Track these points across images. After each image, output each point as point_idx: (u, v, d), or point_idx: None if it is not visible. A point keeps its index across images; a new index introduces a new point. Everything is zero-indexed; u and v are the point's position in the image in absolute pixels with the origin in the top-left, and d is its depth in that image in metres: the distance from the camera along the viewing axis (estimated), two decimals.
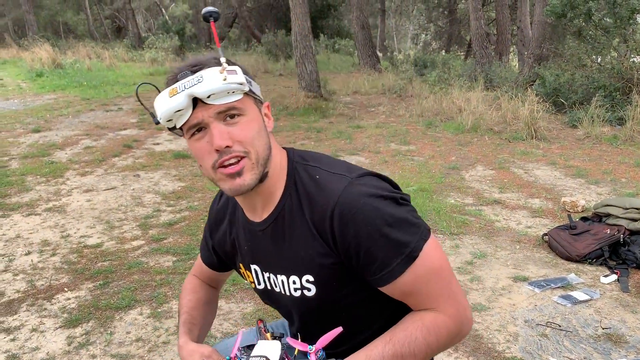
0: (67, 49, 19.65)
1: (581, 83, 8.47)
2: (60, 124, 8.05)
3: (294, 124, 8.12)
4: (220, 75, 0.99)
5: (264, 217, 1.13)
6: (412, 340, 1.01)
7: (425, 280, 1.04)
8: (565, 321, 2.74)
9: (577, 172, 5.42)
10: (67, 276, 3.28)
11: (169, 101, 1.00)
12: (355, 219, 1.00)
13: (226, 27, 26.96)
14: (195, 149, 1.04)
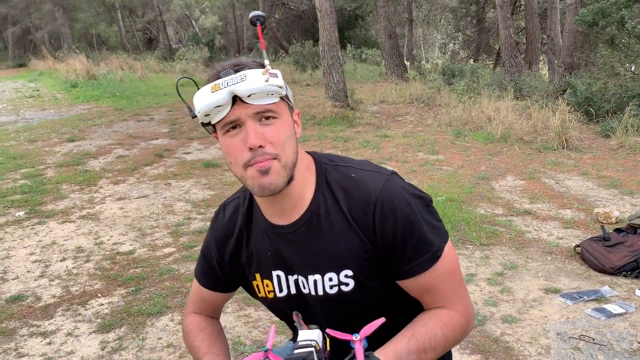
0: (100, 60, 20.17)
1: (614, 92, 8.30)
2: (94, 133, 8.26)
3: (321, 133, 8.16)
4: (263, 76, 1.02)
5: (293, 219, 1.14)
6: (432, 335, 1.07)
7: (443, 278, 1.12)
8: (599, 334, 2.68)
9: (610, 182, 5.31)
10: (100, 282, 3.35)
11: (210, 96, 1.03)
12: (394, 212, 1.07)
13: (254, 39, 27.28)
14: (228, 145, 1.07)
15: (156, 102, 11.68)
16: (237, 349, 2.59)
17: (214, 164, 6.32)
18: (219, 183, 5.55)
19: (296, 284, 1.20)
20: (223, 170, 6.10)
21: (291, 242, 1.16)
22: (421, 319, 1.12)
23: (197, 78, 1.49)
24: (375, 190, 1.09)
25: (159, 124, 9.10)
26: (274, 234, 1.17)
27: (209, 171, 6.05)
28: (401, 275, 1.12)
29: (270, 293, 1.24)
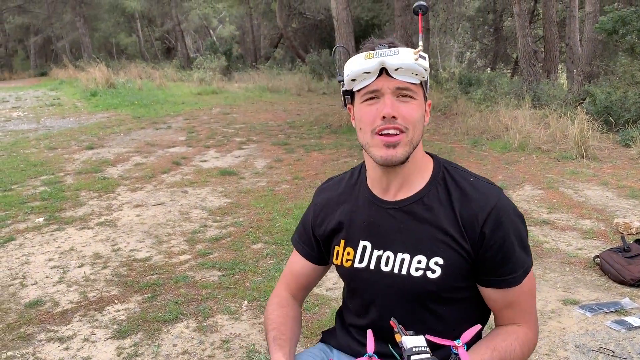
0: (119, 69, 20.46)
1: (634, 101, 8.19)
2: (112, 141, 8.36)
3: (337, 141, 8.17)
4: (413, 55, 1.10)
5: (398, 197, 1.23)
6: (511, 350, 1.14)
7: (526, 296, 1.21)
8: (619, 347, 2.63)
9: (630, 192, 5.23)
10: (117, 288, 3.38)
11: (362, 62, 1.11)
12: (506, 225, 1.16)
13: (271, 47, 27.47)
14: (363, 112, 1.16)
15: (174, 110, 11.80)
16: (251, 357, 2.59)
17: (231, 172, 6.36)
18: (235, 191, 5.58)
19: (378, 260, 1.24)
20: (239, 178, 6.13)
21: (391, 217, 1.23)
22: (501, 334, 1.19)
23: (210, 92, 1.51)
24: (492, 201, 1.17)
25: (176, 132, 9.19)
26: (376, 206, 1.25)
27: (225, 179, 6.09)
28: (493, 284, 1.19)
29: (348, 262, 1.29)
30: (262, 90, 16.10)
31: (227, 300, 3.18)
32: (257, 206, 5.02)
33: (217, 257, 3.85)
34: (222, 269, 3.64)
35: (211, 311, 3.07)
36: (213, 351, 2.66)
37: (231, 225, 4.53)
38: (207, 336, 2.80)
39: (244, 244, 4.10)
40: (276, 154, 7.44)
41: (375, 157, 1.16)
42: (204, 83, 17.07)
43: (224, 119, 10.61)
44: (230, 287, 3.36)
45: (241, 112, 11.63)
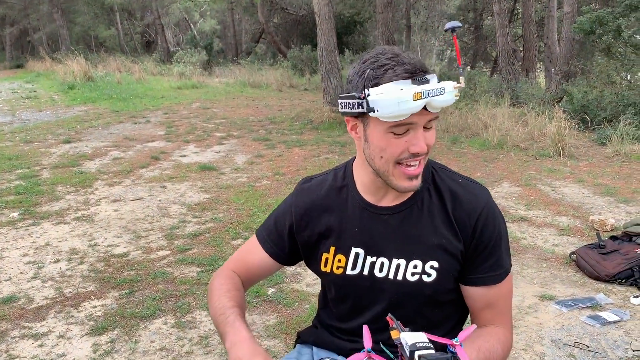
0: (98, 62, 20.18)
1: (610, 100, 8.34)
2: (90, 135, 8.24)
3: (318, 137, 8.16)
4: (454, 91, 1.07)
5: (394, 203, 1.22)
6: (494, 350, 1.15)
7: (504, 297, 1.24)
8: (593, 342, 2.68)
9: (606, 190, 5.32)
10: (93, 284, 3.33)
11: (410, 104, 1.02)
12: (494, 223, 1.20)
13: (253, 42, 27.33)
14: (389, 143, 1.09)
15: (153, 104, 11.67)
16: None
17: (210, 167, 6.31)
18: (214, 186, 5.54)
19: (372, 266, 1.23)
20: (219, 173, 6.09)
21: (385, 223, 1.22)
22: (483, 335, 1.19)
23: (190, 87, 1.48)
24: (483, 201, 1.20)
25: (155, 127, 9.09)
26: (369, 212, 1.24)
27: (204, 174, 6.04)
28: (478, 282, 1.21)
29: (340, 269, 1.26)
30: (243, 85, 16.01)
31: (205, 297, 3.15)
32: (237, 202, 4.99)
33: (196, 253, 3.82)
34: (201, 265, 3.61)
35: (190, 307, 3.04)
36: (191, 347, 2.64)
37: (211, 220, 4.50)
38: (186, 332, 2.78)
39: (224, 239, 4.07)
40: (257, 149, 7.41)
41: (396, 186, 1.14)
42: (184, 77, 16.90)
43: (204, 114, 10.52)
44: (209, 283, 3.33)
45: (221, 107, 11.55)
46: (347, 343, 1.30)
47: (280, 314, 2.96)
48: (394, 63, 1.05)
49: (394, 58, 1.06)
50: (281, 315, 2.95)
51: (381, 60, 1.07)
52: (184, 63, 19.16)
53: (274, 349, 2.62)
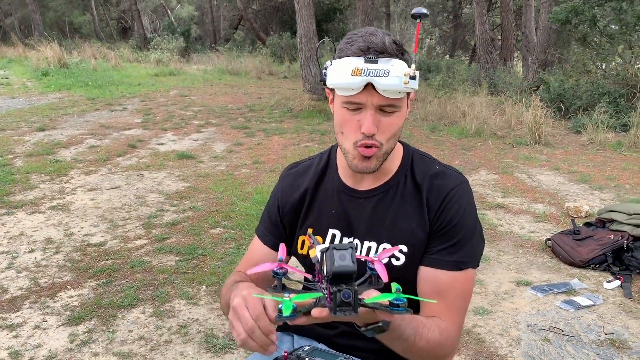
0: (72, 48, 19.75)
1: (586, 89, 8.46)
2: (65, 123, 8.08)
3: (298, 126, 8.13)
4: (404, 77, 1.06)
5: (371, 187, 1.23)
6: (430, 330, 1.10)
7: (457, 292, 1.17)
8: (567, 326, 2.73)
9: (581, 177, 5.42)
10: (70, 274, 3.29)
11: (349, 78, 1.06)
12: (460, 205, 1.18)
13: (231, 29, 27.03)
14: (344, 119, 1.13)
15: (129, 91, 11.49)
16: (209, 342, 2.56)
17: (188, 155, 6.25)
18: (193, 175, 5.49)
19: None
20: (197, 162, 6.03)
21: (360, 206, 1.24)
22: (425, 318, 1.13)
23: (168, 74, 1.46)
24: (455, 184, 1.20)
25: (132, 114, 8.95)
26: (346, 195, 1.25)
27: (182, 162, 5.98)
28: (431, 263, 1.18)
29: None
30: (221, 72, 15.85)
31: (184, 285, 3.14)
32: (216, 190, 4.95)
33: (174, 242, 3.79)
34: (179, 254, 3.58)
35: (168, 296, 3.02)
36: (170, 336, 2.62)
37: (189, 209, 4.46)
38: (164, 321, 2.76)
39: (202, 228, 4.04)
40: (236, 137, 7.35)
41: (350, 165, 1.16)
42: (161, 64, 16.65)
43: (181, 101, 10.40)
44: (187, 272, 3.32)
45: (200, 95, 11.42)
46: (328, 330, 1.30)
47: None
48: (359, 41, 1.09)
49: (363, 36, 1.09)
50: None
51: (353, 37, 1.11)
52: (161, 50, 18.88)
53: None
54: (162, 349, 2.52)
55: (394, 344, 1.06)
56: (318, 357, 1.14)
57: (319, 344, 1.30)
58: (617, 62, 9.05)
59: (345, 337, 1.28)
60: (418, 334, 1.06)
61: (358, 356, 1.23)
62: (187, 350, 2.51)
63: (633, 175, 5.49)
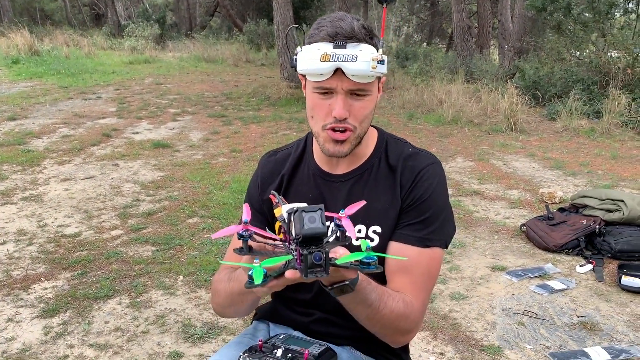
0: (44, 35, 19.25)
1: (560, 76, 8.57)
2: (37, 112, 7.90)
3: (275, 114, 8.09)
4: (372, 62, 1.07)
5: (347, 171, 1.25)
6: (396, 300, 1.10)
7: (422, 269, 1.18)
8: (541, 310, 2.79)
9: (555, 164, 5.50)
10: (44, 266, 3.23)
11: (318, 64, 1.07)
12: (430, 183, 1.20)
13: (207, 16, 26.67)
14: (315, 103, 1.15)
15: (104, 80, 11.28)
16: (187, 332, 2.55)
17: (164, 144, 6.17)
18: (169, 164, 5.43)
19: None
20: (173, 150, 5.97)
21: (335, 189, 1.25)
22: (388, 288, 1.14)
23: (143, 61, 1.43)
24: (427, 163, 1.22)
25: (107, 103, 8.80)
26: (322, 179, 1.27)
27: (158, 152, 5.91)
28: (397, 237, 1.19)
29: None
30: (197, 60, 15.65)
31: (161, 276, 3.11)
32: (193, 180, 4.91)
33: (150, 232, 3.75)
34: (156, 244, 3.55)
35: (145, 287, 2.99)
36: (147, 327, 2.60)
37: (165, 199, 4.42)
38: (141, 312, 2.73)
39: (179, 218, 4.01)
40: (213, 126, 7.29)
41: (322, 148, 1.18)
42: (136, 52, 16.37)
43: (157, 90, 10.25)
44: (164, 262, 3.29)
45: (175, 83, 11.27)
46: (304, 317, 1.30)
47: None
48: (327, 26, 1.10)
49: (332, 22, 1.10)
50: None
51: (322, 22, 1.12)
52: (136, 37, 18.54)
53: (231, 326, 2.61)
54: (139, 339, 2.50)
55: (358, 308, 1.06)
56: (293, 345, 1.14)
57: (295, 332, 1.30)
58: (591, 49, 9.18)
59: (321, 324, 1.28)
60: (382, 301, 1.06)
61: (334, 342, 1.23)
62: (164, 340, 2.50)
63: (605, 161, 5.60)
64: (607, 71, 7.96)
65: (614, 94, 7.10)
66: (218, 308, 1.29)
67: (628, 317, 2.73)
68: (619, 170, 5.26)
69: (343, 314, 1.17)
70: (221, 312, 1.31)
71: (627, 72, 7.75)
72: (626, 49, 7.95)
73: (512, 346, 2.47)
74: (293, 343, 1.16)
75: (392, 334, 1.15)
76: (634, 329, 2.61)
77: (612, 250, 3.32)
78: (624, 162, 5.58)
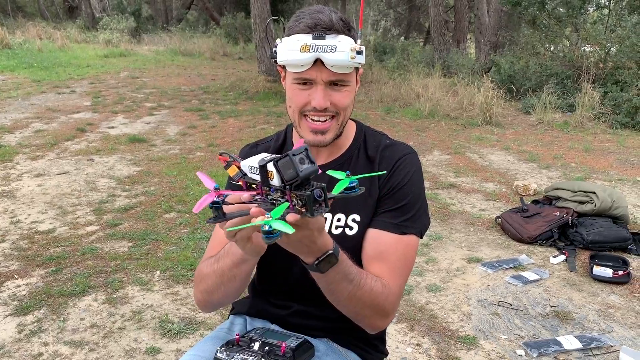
0: (15, 28, 18.82)
1: (535, 70, 8.70)
2: (9, 106, 7.74)
3: (253, 108, 8.05)
4: (351, 52, 1.09)
5: (328, 161, 1.27)
6: (374, 280, 1.13)
7: (398, 256, 1.19)
8: (516, 300, 2.84)
9: (529, 157, 5.59)
10: (17, 263, 3.18)
11: (298, 54, 1.09)
12: (409, 172, 1.23)
13: (184, 9, 26.36)
14: (294, 93, 1.16)
15: (78, 73, 11.08)
16: (164, 327, 2.54)
17: (140, 139, 6.10)
18: (145, 159, 5.37)
19: None
20: (150, 145, 5.90)
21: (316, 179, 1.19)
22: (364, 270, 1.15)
23: (118, 55, 1.40)
24: (403, 152, 1.25)
25: (81, 97, 8.65)
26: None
27: (134, 146, 5.84)
28: (374, 224, 1.21)
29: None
30: (173, 53, 15.47)
31: (138, 271, 3.09)
32: (170, 174, 4.86)
33: (126, 228, 3.71)
34: (132, 240, 3.51)
35: (121, 283, 2.96)
36: (124, 323, 2.58)
37: (142, 194, 4.37)
38: (117, 308, 2.71)
39: (156, 213, 3.97)
40: (190, 120, 7.22)
41: (304, 138, 1.18)
42: (111, 45, 16.11)
43: (132, 83, 10.11)
44: (141, 257, 3.26)
45: (151, 76, 11.13)
46: (281, 310, 1.31)
47: None
48: (307, 18, 1.12)
49: (311, 14, 1.12)
50: None
51: (301, 15, 1.14)
52: (111, 30, 18.24)
53: (209, 321, 2.60)
54: (116, 335, 2.48)
55: (341, 285, 1.06)
56: (270, 338, 1.15)
57: (272, 325, 1.31)
58: (565, 44, 9.33)
59: (298, 317, 1.28)
60: (362, 278, 1.08)
61: (311, 335, 1.24)
62: (141, 336, 2.48)
63: (578, 154, 5.70)
64: (580, 65, 8.11)
65: (587, 88, 7.23)
66: (204, 296, 1.24)
67: (599, 306, 2.79)
68: (592, 163, 5.37)
69: (321, 304, 1.18)
70: (207, 300, 1.25)
71: (600, 66, 7.90)
72: (599, 44, 8.10)
73: (487, 336, 2.51)
74: (270, 336, 1.16)
75: (371, 315, 1.15)
76: (605, 318, 2.67)
77: (584, 241, 3.39)
78: (596, 154, 5.70)
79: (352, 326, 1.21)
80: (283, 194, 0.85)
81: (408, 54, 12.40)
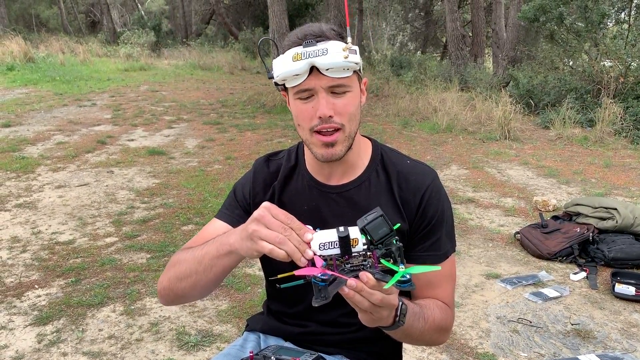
0: (39, 42, 19.24)
1: (553, 85, 8.63)
2: (31, 119, 7.89)
3: (270, 121, 8.10)
4: (343, 52, 1.07)
5: (342, 182, 1.24)
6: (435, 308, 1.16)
7: (447, 279, 1.23)
8: (535, 317, 2.79)
9: (548, 172, 5.53)
10: (37, 273, 3.22)
11: (291, 65, 1.08)
12: (440, 201, 1.22)
13: (203, 24, 26.74)
14: (299, 110, 1.14)
15: (99, 87, 11.27)
16: (181, 339, 2.54)
17: (159, 151, 6.17)
18: (164, 171, 5.42)
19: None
20: (168, 158, 5.96)
21: (333, 201, 1.24)
22: (426, 300, 1.19)
23: (138, 69, 1.43)
24: (429, 179, 1.22)
25: (102, 110, 8.79)
26: (318, 191, 1.25)
27: (153, 159, 5.90)
28: (414, 261, 1.19)
29: None
30: (193, 67, 15.67)
31: (155, 283, 3.10)
32: (188, 187, 4.90)
33: (145, 239, 3.74)
34: (150, 251, 3.54)
35: (139, 294, 2.98)
36: (141, 334, 2.59)
37: (160, 206, 4.41)
38: (135, 319, 2.73)
39: (174, 225, 4.00)
40: (208, 133, 7.29)
41: (316, 154, 1.16)
42: (132, 59, 16.37)
43: (152, 97, 10.25)
44: (159, 269, 3.28)
45: (171, 90, 11.28)
46: (295, 328, 1.30)
47: (232, 299, 2.95)
48: (297, 32, 1.13)
49: (301, 28, 1.13)
50: (233, 300, 2.93)
51: (292, 32, 1.15)
52: (131, 44, 18.54)
53: (226, 333, 2.61)
54: (133, 347, 2.49)
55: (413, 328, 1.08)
56: (284, 355, 1.14)
57: (286, 342, 1.30)
58: (584, 59, 9.25)
59: (313, 335, 1.28)
60: (425, 311, 1.12)
61: (324, 351, 1.23)
62: (158, 348, 2.49)
63: (598, 169, 5.63)
64: (599, 80, 8.03)
65: (607, 103, 7.15)
66: (170, 283, 1.19)
67: (621, 324, 2.74)
68: (612, 179, 5.30)
69: (337, 325, 1.17)
70: (170, 289, 1.19)
71: (620, 81, 7.82)
72: (619, 58, 8.02)
73: (506, 354, 2.47)
74: (284, 353, 1.16)
75: (438, 337, 1.20)
76: (628, 337, 2.62)
77: (606, 258, 3.33)
78: (616, 170, 5.62)
79: (367, 342, 1.21)
80: (364, 257, 0.91)
81: (425, 68, 12.40)
